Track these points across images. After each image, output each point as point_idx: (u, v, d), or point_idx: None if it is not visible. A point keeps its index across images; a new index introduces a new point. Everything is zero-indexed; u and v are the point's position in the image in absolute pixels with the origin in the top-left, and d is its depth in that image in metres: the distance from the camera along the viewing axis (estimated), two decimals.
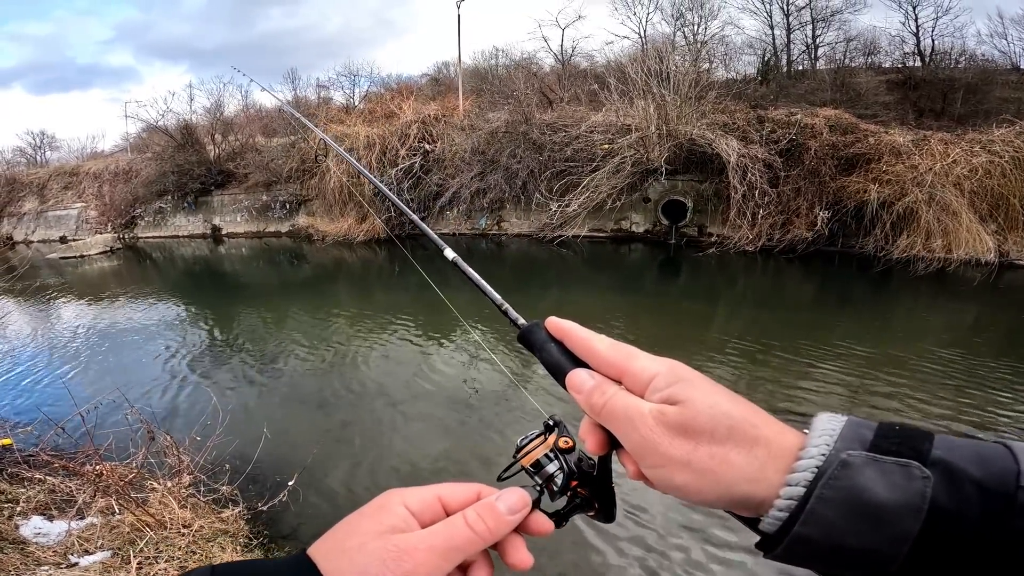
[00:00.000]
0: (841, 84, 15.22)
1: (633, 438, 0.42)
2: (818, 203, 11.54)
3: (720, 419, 0.40)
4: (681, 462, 0.40)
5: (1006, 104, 13.01)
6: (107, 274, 14.90)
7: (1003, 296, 8.98)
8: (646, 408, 0.42)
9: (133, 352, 7.64)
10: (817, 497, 0.36)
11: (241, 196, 18.18)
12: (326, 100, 23.54)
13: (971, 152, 10.86)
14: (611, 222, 12.95)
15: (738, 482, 0.39)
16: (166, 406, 5.72)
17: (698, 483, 0.40)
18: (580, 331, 0.48)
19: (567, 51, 23.28)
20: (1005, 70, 16.11)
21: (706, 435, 0.40)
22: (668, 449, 0.40)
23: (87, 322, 9.66)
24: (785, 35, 18.86)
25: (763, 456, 0.39)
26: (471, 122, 15.14)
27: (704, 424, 0.40)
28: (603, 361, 0.45)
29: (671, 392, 0.41)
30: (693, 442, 0.40)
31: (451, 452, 4.54)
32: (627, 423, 0.42)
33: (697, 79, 13.32)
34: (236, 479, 3.68)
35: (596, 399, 0.44)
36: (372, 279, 12.32)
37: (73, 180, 22.43)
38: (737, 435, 0.40)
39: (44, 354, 7.88)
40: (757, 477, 0.39)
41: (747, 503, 0.39)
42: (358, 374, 6.49)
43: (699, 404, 0.41)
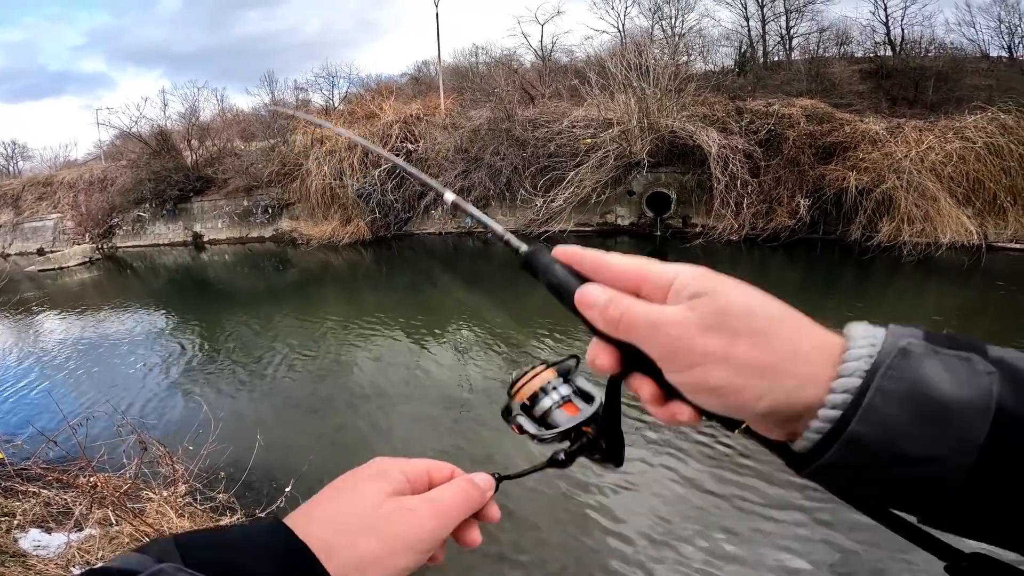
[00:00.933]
0: (816, 74, 15.48)
1: (659, 341, 0.37)
2: (799, 191, 11.74)
3: (757, 308, 0.36)
4: (717, 356, 0.35)
5: (977, 91, 13.35)
6: (88, 286, 14.63)
7: (986, 279, 9.13)
8: (670, 309, 0.37)
9: (120, 364, 7.53)
10: (877, 389, 0.31)
11: (222, 202, 17.88)
12: (305, 102, 23.20)
13: (944, 139, 11.14)
14: (596, 216, 13.05)
15: (784, 376, 0.34)
16: (157, 416, 5.66)
17: (739, 379, 0.34)
18: (589, 251, 0.44)
19: (547, 47, 23.30)
20: (975, 58, 16.54)
21: (743, 326, 0.35)
22: (702, 344, 0.35)
23: (71, 335, 9.48)
24: (760, 26, 19.14)
25: (809, 348, 0.35)
26: (453, 120, 15.10)
27: (739, 314, 0.35)
28: (617, 274, 0.41)
29: (698, 287, 0.37)
30: (729, 335, 0.35)
31: (447, 451, 4.55)
32: (650, 328, 0.37)
33: (676, 72, 13.46)
34: (232, 486, 3.67)
35: (612, 311, 0.39)
36: (360, 281, 12.24)
37: (47, 190, 21.89)
38: (779, 326, 0.35)
39: (30, 368, 7.75)
40: (805, 372, 0.34)
41: (791, 407, 0.34)
42: (351, 377, 6.47)
43: (731, 294, 0.36)
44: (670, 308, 0.37)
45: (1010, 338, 6.08)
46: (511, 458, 4.30)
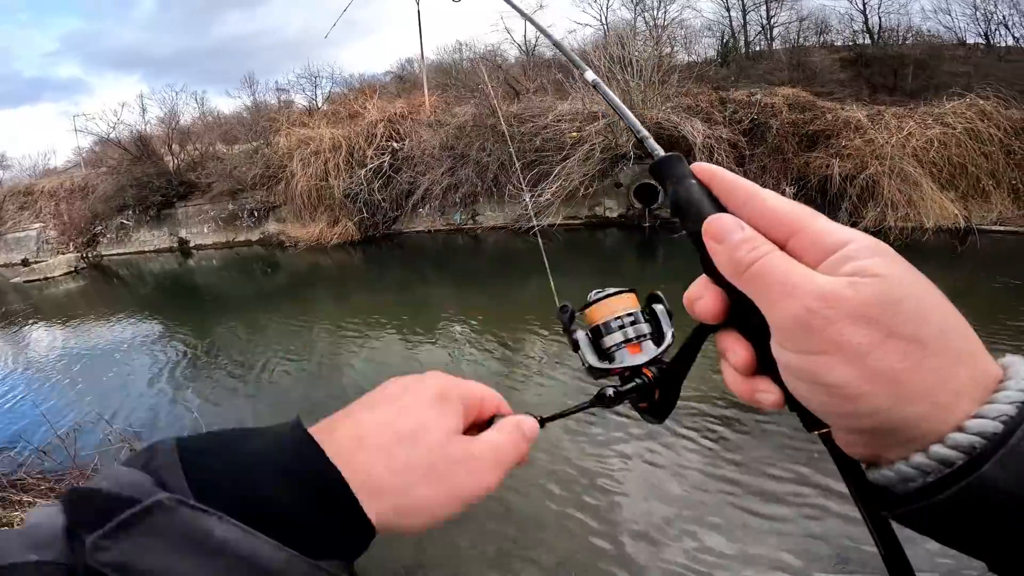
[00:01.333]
0: (797, 64, 15.65)
1: (788, 310, 0.30)
2: (784, 179, 11.87)
3: (932, 316, 0.30)
4: (855, 352, 0.29)
5: (956, 78, 13.57)
6: (74, 295, 14.45)
7: (972, 261, 9.28)
8: (823, 278, 0.30)
9: (108, 373, 7.43)
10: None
11: (206, 206, 17.64)
12: (287, 104, 22.96)
13: (924, 125, 11.33)
14: (585, 209, 13.08)
15: (918, 399, 0.28)
16: (147, 424, 5.59)
17: (866, 384, 0.29)
18: (737, 177, 0.37)
19: (531, 42, 23.26)
20: (952, 45, 16.82)
21: (907, 330, 0.29)
22: (843, 332, 0.29)
23: (57, 346, 9.37)
24: (741, 16, 19.31)
25: (965, 378, 0.29)
26: (438, 118, 15.02)
27: (910, 314, 0.29)
28: (767, 214, 0.34)
29: (870, 264, 0.30)
30: (884, 333, 0.29)
31: None
32: (786, 290, 0.31)
33: (659, 64, 13.51)
34: None
35: (744, 252, 0.33)
36: (350, 282, 12.16)
37: (28, 200, 21.52)
38: (946, 342, 0.29)
39: (17, 380, 7.66)
40: (944, 402, 0.28)
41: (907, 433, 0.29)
42: (344, 378, 6.43)
43: (910, 289, 0.30)
44: (823, 277, 0.30)
45: (994, 319, 6.20)
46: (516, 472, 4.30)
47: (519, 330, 7.00)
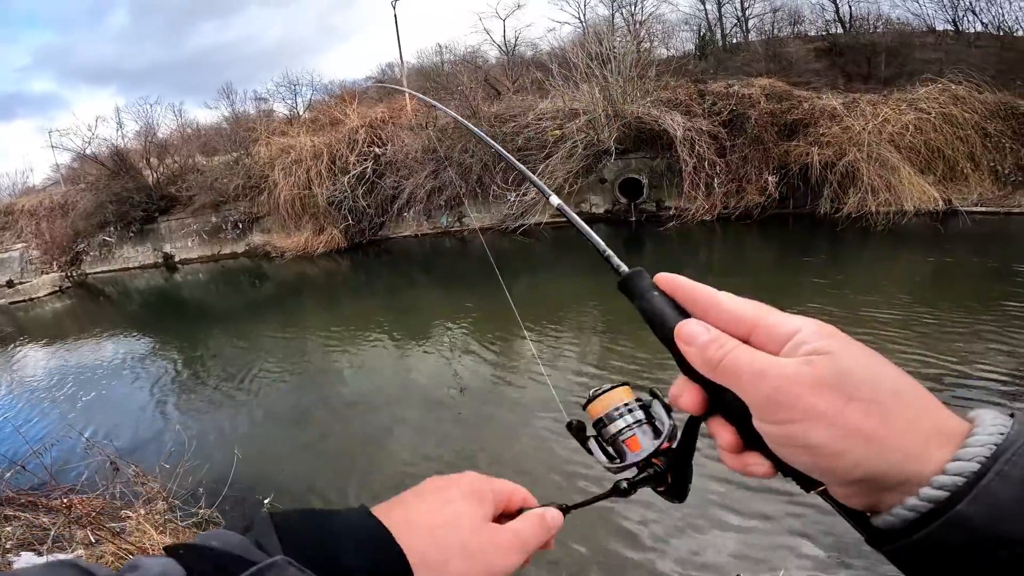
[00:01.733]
0: (773, 55, 15.84)
1: (762, 390, 0.36)
2: (766, 168, 11.99)
3: (883, 381, 0.34)
4: (824, 417, 0.34)
5: (928, 65, 13.81)
6: (60, 315, 14.30)
7: (953, 243, 9.39)
8: (784, 361, 0.36)
9: (93, 391, 7.35)
10: (997, 472, 0.31)
11: (189, 220, 17.44)
12: (267, 113, 22.74)
13: (899, 111, 11.51)
14: (571, 206, 12.91)
15: (894, 451, 0.33)
16: (133, 439, 5.58)
17: (841, 443, 0.33)
18: (696, 284, 0.42)
19: (511, 42, 23.31)
20: (921, 32, 17.12)
21: (864, 393, 0.34)
22: (810, 401, 0.34)
23: (45, 366, 9.30)
24: (716, 9, 19.50)
25: (928, 429, 0.34)
26: (419, 121, 14.99)
27: (861, 382, 0.34)
28: (727, 316, 0.39)
29: (820, 345, 0.35)
30: (844, 397, 0.34)
31: (434, 453, 4.54)
32: (755, 375, 0.36)
33: (638, 59, 13.60)
34: (214, 500, 3.67)
35: (713, 351, 0.38)
36: (338, 289, 12.09)
37: (9, 219, 21.19)
38: (902, 401, 0.34)
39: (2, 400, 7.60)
40: (916, 452, 0.33)
41: (890, 479, 0.33)
42: (333, 386, 6.40)
43: (857, 361, 0.35)
44: (783, 360, 0.36)
45: (976, 298, 6.32)
46: (500, 458, 4.31)
47: (508, 331, 7.01)
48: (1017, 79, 13.75)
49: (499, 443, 4.54)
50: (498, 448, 4.47)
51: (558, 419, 4.63)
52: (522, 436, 4.54)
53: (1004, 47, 15.63)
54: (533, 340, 6.47)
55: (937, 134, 11.34)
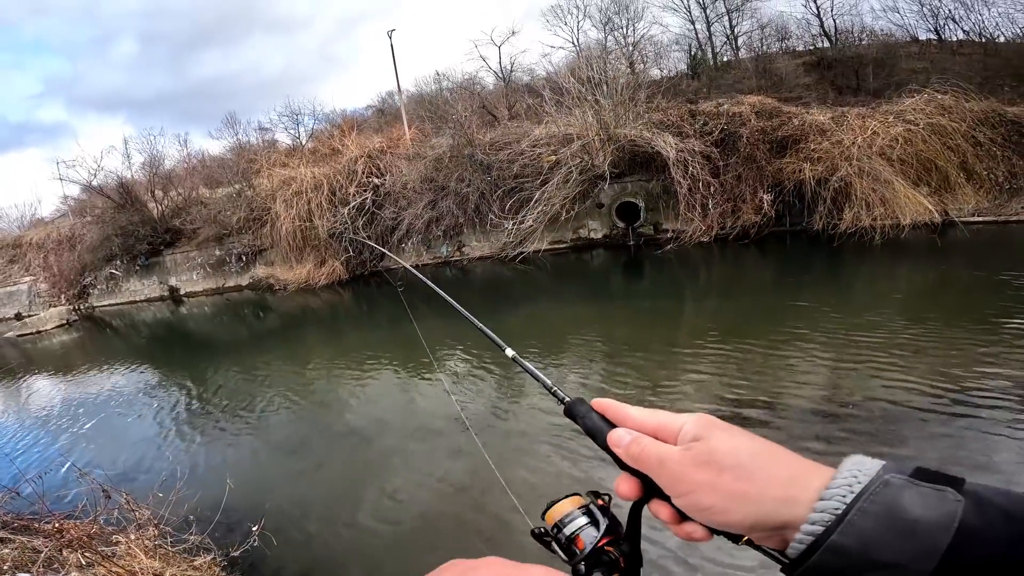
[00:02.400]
0: (763, 71, 16.04)
1: (665, 473, 0.49)
2: (760, 187, 12.03)
3: (742, 451, 0.46)
4: (707, 485, 0.45)
5: (915, 75, 13.95)
6: (68, 347, 14.49)
7: (951, 255, 9.39)
8: (675, 449, 0.49)
9: (96, 420, 7.57)
10: (858, 509, 0.39)
11: (193, 253, 17.68)
12: (271, 143, 23.10)
13: (887, 123, 11.59)
14: (569, 232, 13.23)
15: (765, 501, 0.43)
16: (128, 467, 5.73)
17: (725, 503, 0.45)
18: (617, 404, 0.56)
19: (506, 68, 23.65)
20: (905, 42, 17.31)
21: (729, 463, 0.46)
22: (694, 476, 0.46)
23: (50, 397, 9.45)
24: (706, 28, 19.81)
25: (786, 477, 0.44)
26: (417, 150, 15.20)
27: (726, 455, 0.46)
28: (637, 423, 0.53)
29: (696, 433, 0.49)
30: (716, 470, 0.46)
31: (431, 484, 4.54)
32: (658, 462, 0.49)
33: (630, 81, 13.79)
34: (205, 528, 3.75)
35: (633, 448, 0.51)
36: (340, 321, 12.21)
37: (17, 252, 21.56)
38: (760, 462, 0.45)
39: (7, 431, 7.83)
40: (785, 496, 0.43)
41: (773, 522, 0.43)
42: (332, 416, 6.49)
43: (722, 440, 0.47)
44: (674, 448, 0.49)
45: (976, 312, 6.31)
46: (495, 488, 4.33)
47: (506, 359, 7.03)
48: (1004, 85, 13.88)
49: (501, 476, 4.53)
50: (501, 481, 4.45)
51: (561, 445, 4.68)
52: (525, 468, 4.54)
53: (987, 53, 15.79)
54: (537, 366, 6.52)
55: (927, 145, 11.38)
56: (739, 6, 19.36)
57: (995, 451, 3.78)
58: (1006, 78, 14.27)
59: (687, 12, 20.03)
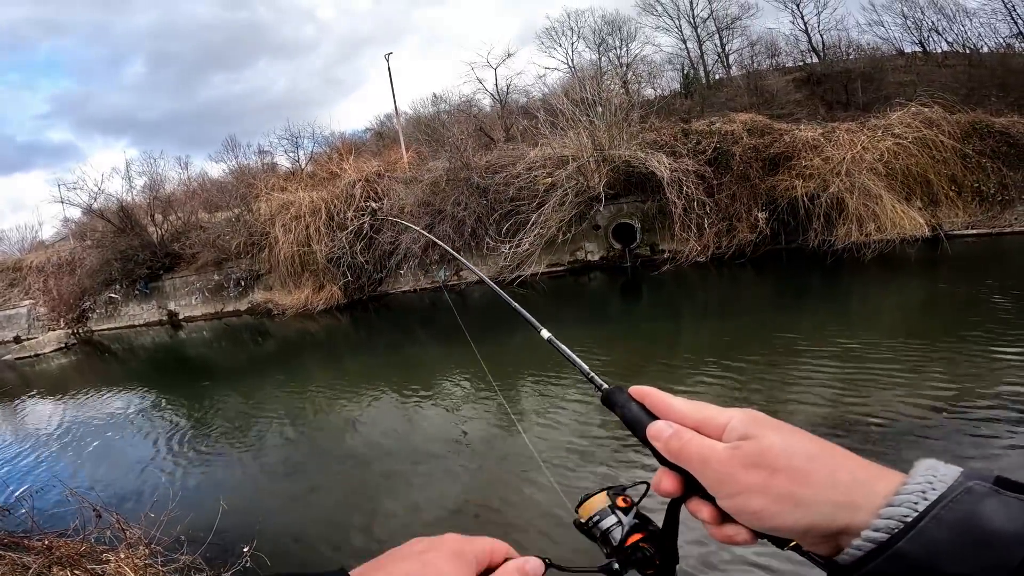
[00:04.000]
0: (755, 87, 16.24)
1: (709, 472, 0.45)
2: (754, 205, 12.13)
3: (798, 452, 0.43)
4: (757, 488, 0.42)
5: (902, 88, 14.12)
6: (66, 371, 14.50)
7: (944, 268, 9.44)
8: (720, 446, 0.45)
9: (91, 442, 7.61)
10: (933, 517, 0.37)
11: (192, 278, 17.74)
12: (270, 166, 23.27)
13: (875, 137, 11.69)
14: (566, 254, 13.28)
15: (822, 505, 0.40)
16: (122, 488, 5.76)
17: (775, 507, 0.42)
18: (659, 393, 0.53)
19: (503, 90, 23.91)
20: (892, 56, 17.55)
21: (782, 465, 0.42)
22: (744, 477, 0.43)
23: (44, 419, 9.50)
24: (697, 47, 20.08)
25: (848, 481, 0.41)
26: (414, 174, 15.31)
27: (779, 456, 0.43)
28: (679, 415, 0.50)
29: (745, 431, 0.45)
30: (768, 471, 0.42)
31: (425, 507, 4.54)
32: (702, 461, 0.45)
33: (622, 102, 13.95)
34: (196, 549, 3.77)
35: (674, 443, 0.48)
36: (339, 346, 12.22)
37: (17, 276, 21.63)
38: (818, 464, 0.42)
39: None
40: (845, 501, 0.40)
41: (830, 528, 0.40)
42: (328, 440, 6.51)
43: (774, 439, 0.44)
44: (720, 445, 0.46)
45: (958, 327, 6.35)
46: (491, 510, 4.33)
47: (513, 382, 7.06)
48: (990, 95, 14.03)
49: (494, 499, 4.51)
50: (493, 504, 4.44)
51: (555, 474, 4.68)
52: (518, 493, 4.53)
53: (972, 64, 16.00)
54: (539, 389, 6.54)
55: (916, 159, 11.46)
56: (729, 24, 19.68)
57: (999, 465, 3.78)
58: (991, 88, 14.45)
59: (679, 32, 20.39)
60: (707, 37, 19.90)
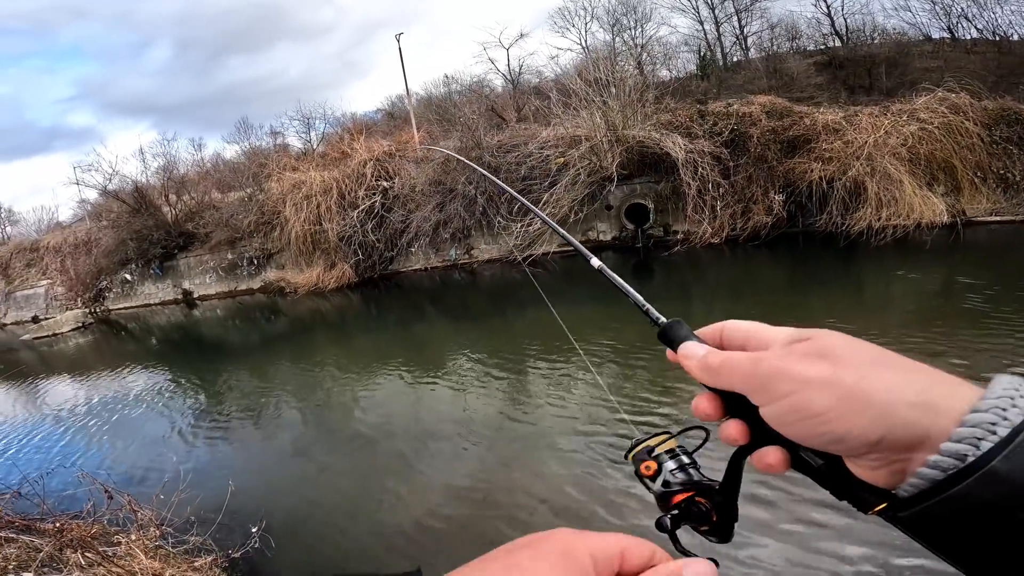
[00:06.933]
0: (774, 70, 15.90)
1: (759, 374, 0.38)
2: (771, 187, 11.96)
3: (862, 347, 0.37)
4: (819, 382, 0.35)
5: (928, 73, 13.73)
6: (83, 350, 14.75)
7: (964, 255, 9.23)
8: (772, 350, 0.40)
9: (105, 422, 7.69)
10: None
11: (206, 257, 17.92)
12: (283, 147, 23.37)
13: (899, 122, 11.45)
14: (578, 234, 13.19)
15: (895, 404, 0.33)
16: (133, 469, 5.83)
17: (845, 405, 0.34)
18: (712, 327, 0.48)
19: (515, 70, 23.72)
20: (918, 41, 17.07)
21: (848, 358, 0.36)
22: (804, 370, 0.36)
23: (61, 398, 9.63)
24: (715, 28, 19.68)
25: (925, 380, 0.34)
26: (424, 153, 15.28)
27: (844, 349, 0.37)
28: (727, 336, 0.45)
29: (800, 335, 0.40)
30: (832, 362, 0.36)
31: (437, 486, 4.53)
32: (749, 365, 0.39)
33: (637, 82, 13.76)
34: (206, 530, 3.80)
35: (712, 359, 0.42)
36: (350, 324, 12.29)
37: (35, 256, 21.96)
38: (888, 360, 0.36)
39: (17, 431, 8.01)
40: (919, 401, 0.33)
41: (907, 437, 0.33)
42: (337, 420, 6.55)
43: (834, 337, 0.38)
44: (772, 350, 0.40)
45: (987, 315, 6.20)
46: (508, 495, 4.32)
47: (522, 361, 7.05)
48: (1019, 83, 13.61)
49: (509, 479, 4.49)
50: (507, 485, 4.41)
51: (576, 450, 4.64)
52: (540, 469, 4.49)
53: (1001, 52, 15.53)
54: (549, 369, 6.50)
55: (940, 144, 11.23)
56: (748, 6, 19.26)
57: None
58: (1021, 76, 14.01)
59: (696, 13, 19.99)
60: (725, 19, 19.54)
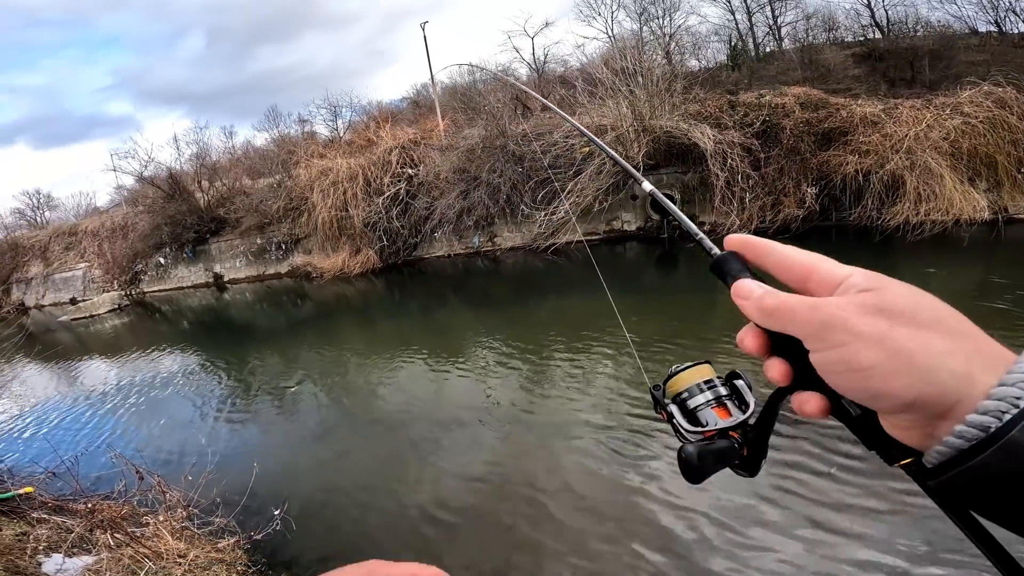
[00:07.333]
0: (809, 62, 15.42)
1: (814, 321, 0.38)
2: (804, 180, 11.66)
3: (924, 306, 0.37)
4: (872, 338, 0.36)
5: (974, 67, 13.14)
6: (119, 331, 15.30)
7: (1005, 252, 8.94)
8: (834, 297, 0.39)
9: (137, 403, 7.95)
10: None
11: (236, 241, 18.39)
12: (310, 135, 23.77)
13: (942, 115, 11.03)
14: (603, 223, 13.11)
15: (937, 370, 0.34)
16: (163, 450, 6.00)
17: (890, 363, 0.35)
18: (758, 239, 0.46)
19: (540, 59, 23.59)
20: (964, 34, 16.31)
21: (907, 317, 0.36)
22: (858, 324, 0.36)
23: (96, 379, 10.00)
24: (747, 18, 19.18)
25: (970, 349, 0.35)
26: (449, 141, 15.34)
27: (905, 306, 0.37)
28: (783, 262, 0.43)
29: (867, 284, 0.39)
30: (889, 321, 0.36)
31: (455, 472, 4.58)
32: (809, 309, 0.39)
33: (665, 72, 13.55)
34: (231, 512, 3.90)
35: (768, 300, 0.41)
36: (373, 309, 12.48)
37: (73, 240, 22.83)
38: (943, 324, 0.36)
39: (57, 411, 8.31)
40: (960, 371, 0.34)
41: (942, 402, 0.34)
42: (361, 404, 6.64)
43: (900, 291, 0.38)
44: (833, 297, 0.39)
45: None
46: (514, 482, 4.35)
47: (543, 348, 7.07)
48: None
49: (527, 467, 4.52)
50: (524, 473, 4.44)
51: (597, 440, 4.65)
52: (558, 460, 4.53)
53: None
54: (570, 357, 6.50)
55: (984, 139, 10.80)
56: None
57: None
58: None
59: (726, 2, 19.48)
60: (757, 9, 18.99)
